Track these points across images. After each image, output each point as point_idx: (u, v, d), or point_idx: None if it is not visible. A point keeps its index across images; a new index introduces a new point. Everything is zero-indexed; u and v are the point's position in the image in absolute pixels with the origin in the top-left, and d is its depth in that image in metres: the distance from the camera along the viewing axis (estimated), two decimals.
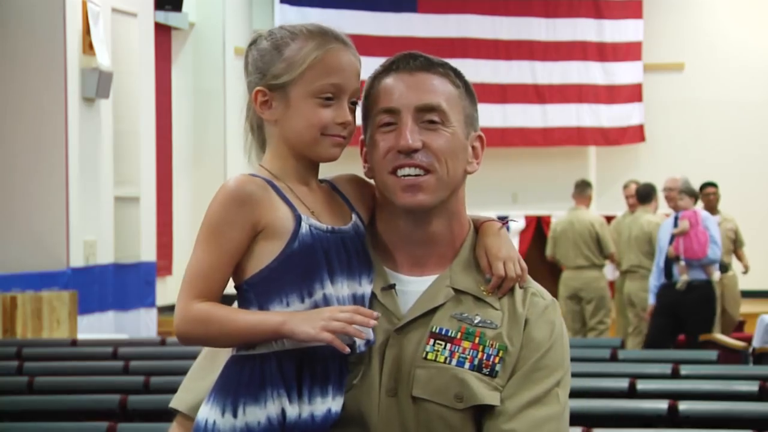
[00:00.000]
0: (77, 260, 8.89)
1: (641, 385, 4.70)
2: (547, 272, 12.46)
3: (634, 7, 15.54)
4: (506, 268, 2.19)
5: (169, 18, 12.19)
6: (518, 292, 2.21)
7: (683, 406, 4.25)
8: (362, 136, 2.23)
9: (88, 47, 9.01)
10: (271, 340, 2.06)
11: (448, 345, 2.14)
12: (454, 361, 2.13)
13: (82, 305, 8.12)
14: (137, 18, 10.00)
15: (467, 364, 2.13)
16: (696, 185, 10.75)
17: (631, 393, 4.67)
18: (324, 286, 2.08)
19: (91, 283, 8.98)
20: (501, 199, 14.59)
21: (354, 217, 2.18)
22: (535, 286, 2.25)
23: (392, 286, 2.18)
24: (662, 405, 4.26)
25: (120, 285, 9.48)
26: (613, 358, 5.65)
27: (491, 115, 15.10)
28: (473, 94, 2.25)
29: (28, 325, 7.43)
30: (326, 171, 2.24)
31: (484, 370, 2.14)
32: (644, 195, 10.59)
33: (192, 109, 13.36)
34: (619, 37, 15.49)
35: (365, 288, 2.14)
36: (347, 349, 2.04)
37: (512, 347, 2.16)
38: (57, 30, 8.76)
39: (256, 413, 2.05)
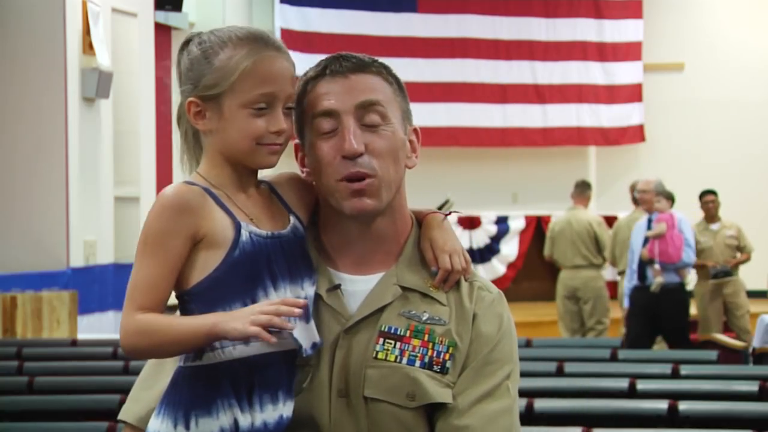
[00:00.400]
0: (77, 260, 8.89)
1: (641, 385, 4.69)
2: (547, 272, 12.47)
3: (634, 7, 15.55)
4: (452, 260, 2.17)
5: (169, 18, 12.18)
6: (464, 286, 2.19)
7: (683, 406, 4.25)
8: (296, 141, 2.19)
9: (88, 47, 9.01)
10: (221, 345, 2.05)
11: (398, 343, 2.13)
12: (404, 360, 2.12)
13: (82, 305, 8.12)
14: (137, 18, 10.00)
15: (418, 362, 2.12)
16: (696, 185, 10.76)
17: (631, 393, 4.67)
18: (267, 292, 2.06)
19: (91, 283, 8.97)
20: (501, 199, 14.60)
21: (292, 219, 2.16)
22: (480, 279, 2.23)
23: (337, 287, 2.16)
24: (662, 405, 4.26)
25: (120, 285, 9.46)
26: (613, 358, 5.65)
27: (491, 115, 15.11)
28: (404, 89, 2.22)
29: (28, 325, 7.43)
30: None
31: (435, 368, 2.13)
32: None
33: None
34: (619, 37, 15.50)
35: (308, 291, 2.12)
36: (273, 339, 2.00)
37: (461, 343, 2.15)
38: (57, 30, 8.76)
39: (209, 425, 2.04)
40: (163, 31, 12.11)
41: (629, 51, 15.53)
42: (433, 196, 11.45)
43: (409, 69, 13.86)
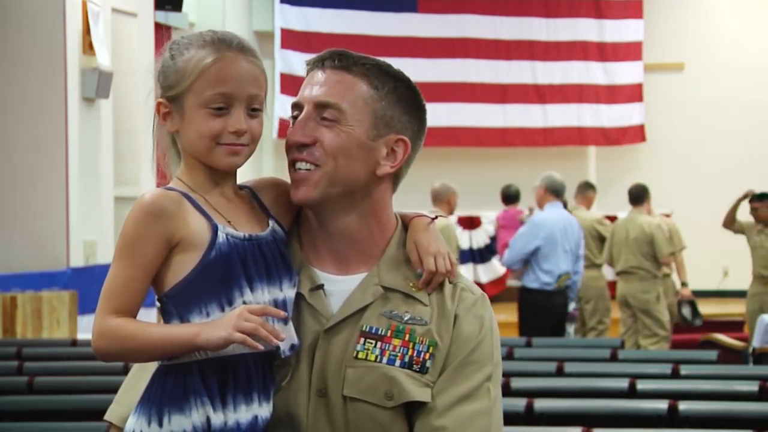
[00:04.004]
0: (77, 260, 8.88)
1: (641, 385, 4.69)
2: None
3: (635, 7, 15.55)
4: (437, 263, 2.19)
5: (169, 18, 12.18)
6: (447, 288, 2.21)
7: (683, 406, 4.24)
8: None
9: (88, 47, 9.01)
10: (188, 354, 2.06)
11: (379, 343, 2.15)
12: (384, 359, 2.14)
13: (82, 305, 8.11)
14: (137, 18, 9.99)
15: (398, 362, 2.14)
16: (696, 185, 10.74)
17: (631, 393, 4.67)
18: (243, 293, 2.08)
19: (91, 283, 8.96)
20: (500, 198, 14.60)
21: (271, 222, 2.18)
22: (464, 281, 2.24)
23: (320, 287, 2.18)
24: (662, 405, 4.26)
25: None
26: (613, 358, 5.65)
27: (491, 115, 15.11)
28: (408, 97, 2.23)
29: (28, 325, 7.42)
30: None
31: (415, 367, 2.14)
32: (636, 196, 10.56)
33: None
34: (620, 37, 15.50)
35: (287, 293, 2.13)
36: (260, 347, 2.03)
37: (442, 343, 2.16)
38: (57, 30, 8.76)
39: (182, 422, 2.05)
40: (163, 31, 12.10)
41: (629, 51, 15.53)
42: None
43: (409, 69, 13.64)
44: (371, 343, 2.14)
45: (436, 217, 2.30)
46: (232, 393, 2.07)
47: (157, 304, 2.15)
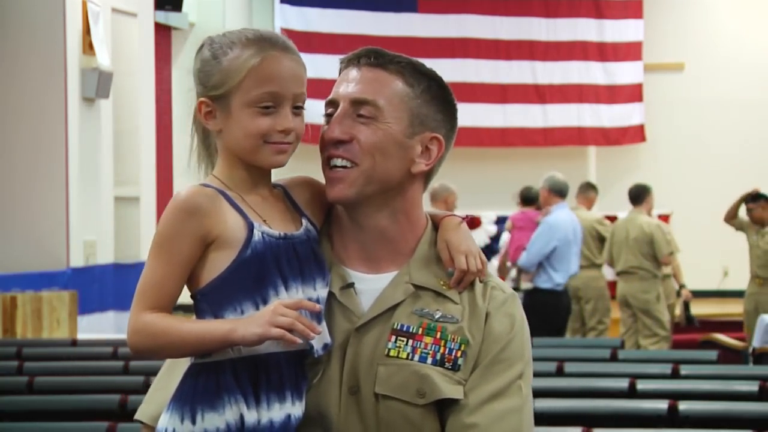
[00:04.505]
0: (77, 260, 8.88)
1: (641, 385, 4.69)
2: None
3: (634, 7, 15.54)
4: (468, 261, 2.20)
5: (169, 18, 12.18)
6: (478, 287, 2.22)
7: (683, 406, 4.25)
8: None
9: (88, 47, 9.01)
10: (221, 350, 2.06)
11: (410, 341, 2.15)
12: (416, 357, 2.14)
13: (82, 305, 8.11)
14: (137, 18, 9.99)
15: (429, 359, 2.14)
16: (696, 185, 10.74)
17: (631, 393, 4.67)
18: (278, 292, 2.08)
19: (91, 283, 8.97)
20: (501, 199, 14.59)
21: (305, 222, 2.18)
22: (495, 279, 2.26)
23: (351, 285, 2.18)
24: (662, 405, 4.26)
25: (120, 285, 9.47)
26: (613, 358, 5.65)
27: (491, 115, 15.10)
28: (441, 95, 2.25)
29: (28, 325, 7.42)
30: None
31: (447, 365, 2.15)
32: (636, 196, 10.56)
33: (192, 109, 13.34)
34: (620, 37, 15.49)
35: (320, 292, 2.14)
36: (299, 341, 2.04)
37: (473, 341, 2.17)
38: (57, 30, 8.76)
39: (215, 420, 2.06)
40: (163, 31, 12.11)
41: (629, 51, 15.52)
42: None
43: None
44: (402, 341, 2.15)
45: (467, 217, 2.32)
46: (265, 391, 2.07)
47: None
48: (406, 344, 2.15)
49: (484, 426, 2.12)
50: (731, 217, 10.46)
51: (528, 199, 10.38)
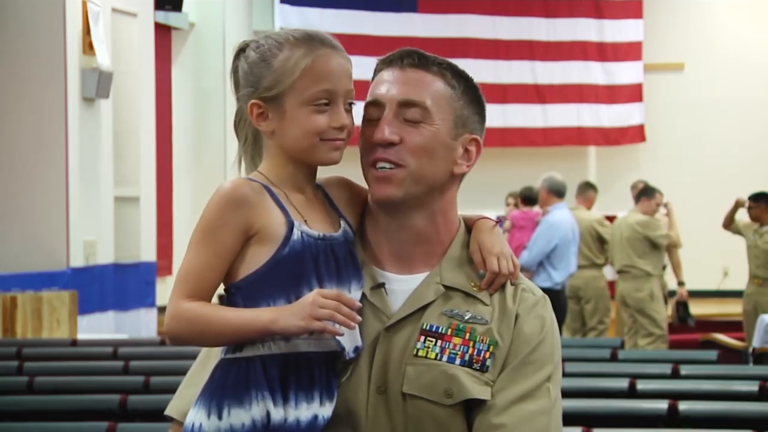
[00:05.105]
0: (77, 260, 8.88)
1: (641, 385, 4.69)
2: None
3: (634, 7, 15.54)
4: (500, 264, 2.21)
5: (169, 18, 12.18)
6: (509, 289, 2.22)
7: (683, 406, 4.25)
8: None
9: (88, 47, 9.00)
10: (261, 340, 2.07)
11: (439, 341, 2.16)
12: (444, 357, 2.15)
13: (82, 305, 8.11)
14: (137, 18, 9.99)
15: (458, 360, 2.15)
16: (696, 185, 10.73)
17: (631, 393, 4.67)
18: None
19: (91, 283, 8.97)
20: (501, 199, 14.59)
21: (343, 223, 2.19)
22: (525, 282, 2.26)
23: (381, 285, 2.19)
24: (662, 405, 4.26)
25: (120, 285, 9.48)
26: (613, 358, 5.65)
27: (491, 115, 14.90)
28: (477, 97, 2.25)
29: (28, 325, 7.42)
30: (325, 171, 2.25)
31: (475, 366, 2.15)
32: (635, 195, 10.63)
33: (192, 109, 13.36)
34: (620, 37, 15.49)
35: (355, 294, 2.15)
36: (341, 333, 2.05)
37: (502, 342, 2.17)
38: (57, 30, 8.75)
39: (241, 416, 2.06)
40: (163, 31, 12.11)
41: (629, 51, 15.52)
42: None
43: None
44: (431, 341, 2.15)
45: (500, 220, 2.33)
46: (293, 390, 2.08)
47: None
48: (435, 344, 2.15)
49: (512, 426, 2.13)
50: (729, 224, 10.49)
51: (529, 198, 10.41)
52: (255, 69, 2.15)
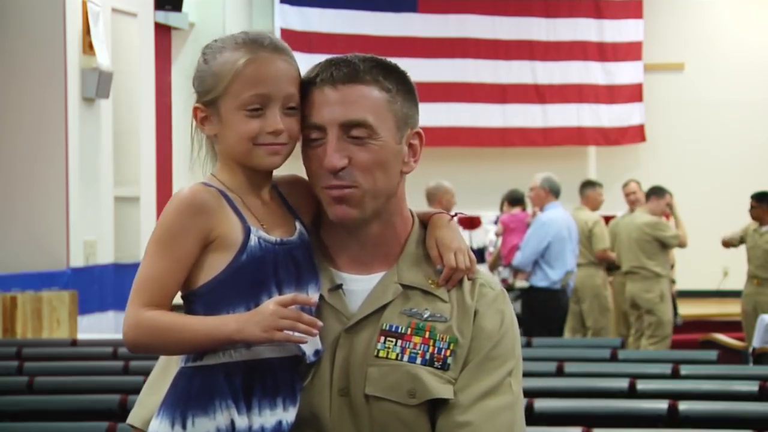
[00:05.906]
0: (77, 260, 8.88)
1: (641, 385, 4.69)
2: None
3: (634, 7, 15.54)
4: (457, 259, 2.19)
5: (169, 18, 12.18)
6: (467, 284, 2.21)
7: (683, 406, 4.24)
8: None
9: (88, 47, 9.00)
10: (223, 348, 2.06)
11: (399, 341, 2.15)
12: (405, 357, 2.14)
13: (82, 305, 8.11)
14: (137, 18, 9.99)
15: (419, 359, 2.14)
16: (696, 185, 10.73)
17: (631, 393, 4.67)
18: (271, 297, 2.07)
19: (91, 283, 8.97)
20: (501, 199, 14.60)
21: (298, 225, 2.18)
22: (483, 276, 2.25)
23: (339, 286, 2.18)
24: (662, 405, 4.26)
25: (120, 285, 9.47)
26: (613, 358, 5.65)
27: (491, 115, 15.10)
28: (408, 88, 2.22)
29: (28, 325, 7.42)
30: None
31: (436, 364, 2.14)
32: (647, 194, 10.64)
33: (192, 109, 13.35)
34: (620, 37, 15.49)
35: (312, 296, 2.13)
36: (305, 340, 2.04)
37: (463, 339, 2.17)
38: (57, 30, 8.75)
39: (206, 425, 2.05)
40: (163, 31, 12.10)
41: (629, 51, 15.52)
42: None
43: (409, 69, 13.75)
44: (392, 342, 2.15)
45: (456, 215, 2.32)
46: (257, 397, 2.06)
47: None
48: (395, 344, 2.15)
49: (478, 424, 2.12)
50: (731, 245, 10.51)
51: (516, 200, 10.40)
52: (198, 72, 2.15)
